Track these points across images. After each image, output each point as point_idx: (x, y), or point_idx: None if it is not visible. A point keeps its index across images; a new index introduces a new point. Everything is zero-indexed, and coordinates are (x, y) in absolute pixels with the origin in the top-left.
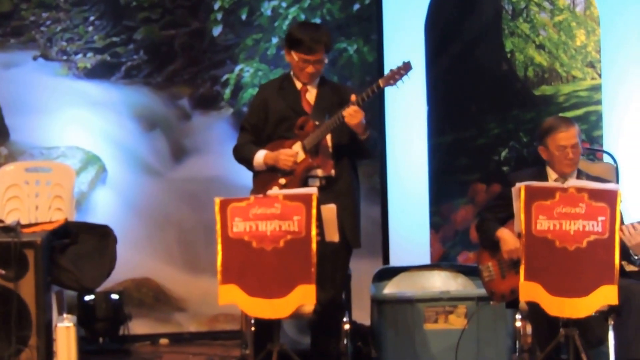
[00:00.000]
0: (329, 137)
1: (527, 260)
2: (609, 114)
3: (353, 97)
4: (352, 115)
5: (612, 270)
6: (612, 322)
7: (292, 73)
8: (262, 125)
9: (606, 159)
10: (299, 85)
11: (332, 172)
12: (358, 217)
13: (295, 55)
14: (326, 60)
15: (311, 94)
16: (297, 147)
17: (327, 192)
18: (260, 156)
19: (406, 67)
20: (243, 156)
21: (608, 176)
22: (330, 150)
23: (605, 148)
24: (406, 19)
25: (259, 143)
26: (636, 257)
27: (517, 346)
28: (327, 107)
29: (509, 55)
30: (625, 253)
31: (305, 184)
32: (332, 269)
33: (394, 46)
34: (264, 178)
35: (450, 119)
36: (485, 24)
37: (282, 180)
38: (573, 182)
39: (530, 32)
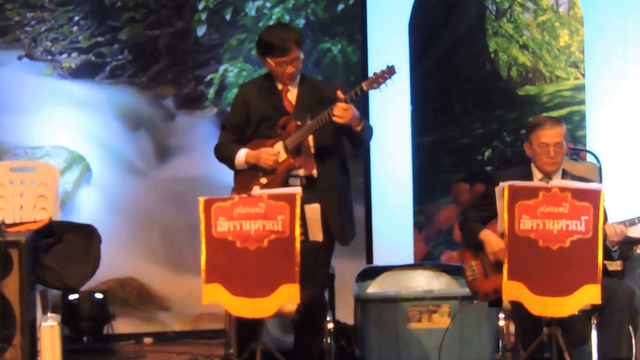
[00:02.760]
0: (310, 138)
1: (510, 260)
2: (592, 114)
3: (340, 95)
4: (343, 112)
5: (595, 269)
6: (595, 322)
7: None
8: (243, 125)
9: (589, 158)
10: (280, 85)
11: (314, 172)
12: (345, 214)
13: (270, 61)
14: (302, 56)
15: (292, 94)
16: (279, 146)
17: (309, 191)
18: (242, 155)
19: (390, 71)
20: (224, 155)
21: (591, 176)
22: (312, 150)
23: (588, 148)
24: (390, 19)
25: (241, 142)
26: (614, 250)
27: (500, 345)
28: (308, 106)
29: (492, 55)
30: (607, 251)
31: (286, 183)
32: (313, 268)
33: (378, 46)
34: (245, 177)
35: (434, 119)
36: (469, 24)
37: (264, 180)
38: (557, 181)
39: (513, 32)
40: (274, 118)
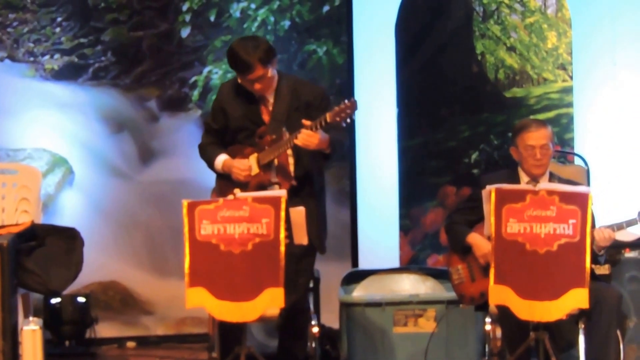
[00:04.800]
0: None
1: (497, 264)
2: (580, 116)
3: (305, 122)
4: (306, 140)
5: (583, 273)
6: (583, 326)
7: None
8: (223, 130)
9: (577, 161)
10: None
11: (293, 182)
12: (323, 222)
13: (238, 77)
14: (270, 73)
15: (269, 103)
16: (253, 159)
17: (290, 196)
18: (220, 161)
19: (352, 106)
20: (206, 157)
21: (579, 179)
22: (291, 160)
23: (576, 151)
24: (376, 21)
25: (223, 144)
26: (600, 255)
27: (487, 350)
28: (284, 117)
29: (479, 58)
30: (594, 255)
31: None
32: (294, 273)
33: (364, 48)
34: (225, 182)
35: (420, 122)
36: (456, 26)
37: (237, 191)
38: (544, 184)
39: (501, 34)
40: (251, 127)
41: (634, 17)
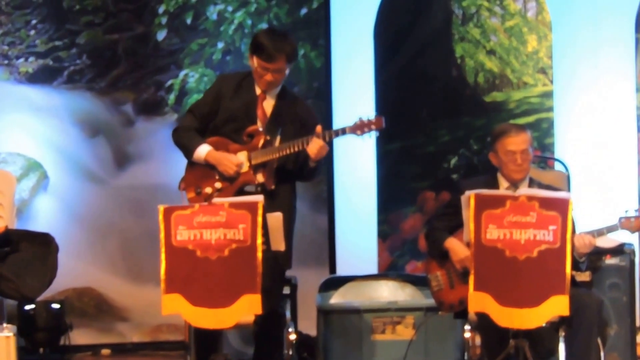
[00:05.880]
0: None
1: (477, 270)
2: (560, 121)
3: (319, 129)
4: (318, 149)
5: (564, 280)
6: (564, 333)
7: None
8: (211, 117)
9: (558, 166)
10: (258, 90)
11: (272, 186)
12: (291, 237)
13: (255, 61)
14: (287, 72)
15: (269, 104)
16: (243, 156)
17: (267, 201)
18: (203, 151)
19: (378, 123)
20: (184, 143)
21: (559, 184)
22: (275, 166)
23: (556, 156)
24: (355, 24)
25: (204, 132)
26: (581, 261)
27: (466, 357)
28: (282, 122)
29: (459, 61)
30: (575, 262)
31: (240, 193)
32: (269, 280)
33: (342, 52)
34: (200, 173)
35: (399, 126)
36: (435, 30)
37: (218, 184)
38: (524, 190)
39: (480, 38)
40: (242, 121)
41: (615, 21)
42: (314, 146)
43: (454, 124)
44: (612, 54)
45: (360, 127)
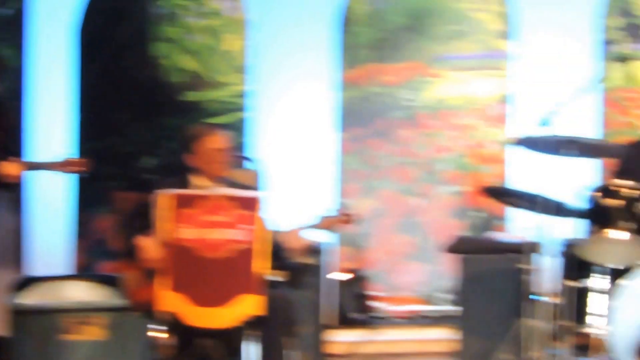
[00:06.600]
0: None
1: (167, 270)
2: (256, 120)
3: None
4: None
5: (255, 279)
6: (254, 333)
7: None
8: None
9: (251, 165)
10: None
11: None
12: None
13: None
14: None
15: None
16: None
17: None
18: None
19: (81, 165)
20: None
21: (253, 183)
22: None
23: (253, 155)
24: (54, 25)
25: None
26: (284, 259)
27: (157, 357)
28: None
29: (155, 61)
30: (272, 260)
31: None
32: None
33: (41, 52)
34: None
35: (96, 126)
36: (134, 30)
37: None
38: (217, 189)
39: (177, 37)
40: None
41: (315, 22)
42: None
43: (149, 124)
44: (312, 55)
45: (69, 164)
